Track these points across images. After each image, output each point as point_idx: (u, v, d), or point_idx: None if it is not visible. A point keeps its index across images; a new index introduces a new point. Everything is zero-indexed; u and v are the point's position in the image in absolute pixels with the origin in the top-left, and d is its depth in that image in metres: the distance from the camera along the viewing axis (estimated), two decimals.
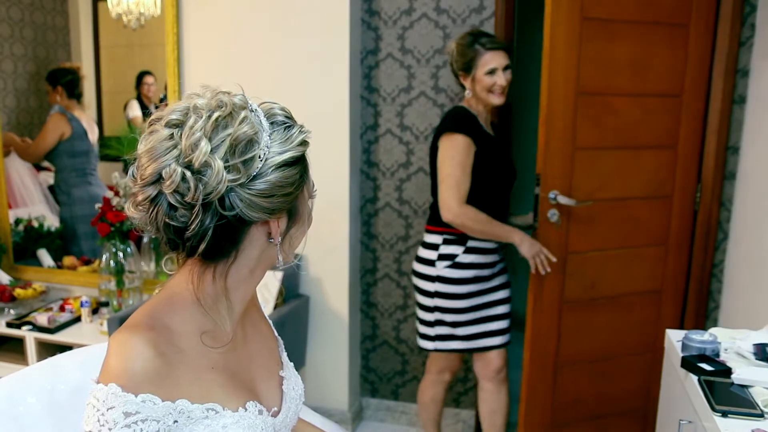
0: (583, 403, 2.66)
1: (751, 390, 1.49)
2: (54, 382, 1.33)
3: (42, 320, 2.94)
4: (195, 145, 0.89)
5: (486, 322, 2.51)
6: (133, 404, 0.89)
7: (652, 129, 2.50)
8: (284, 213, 0.99)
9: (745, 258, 2.53)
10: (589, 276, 2.54)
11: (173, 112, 0.93)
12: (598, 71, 2.38)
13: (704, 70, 2.53)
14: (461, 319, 2.47)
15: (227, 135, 0.91)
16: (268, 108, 0.99)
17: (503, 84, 2.37)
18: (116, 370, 0.90)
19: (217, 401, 0.98)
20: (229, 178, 0.90)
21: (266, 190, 0.93)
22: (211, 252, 0.96)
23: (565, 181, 2.40)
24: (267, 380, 1.14)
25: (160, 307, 0.99)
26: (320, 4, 2.75)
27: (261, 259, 1.03)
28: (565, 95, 2.35)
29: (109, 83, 3.35)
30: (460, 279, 2.44)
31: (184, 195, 0.90)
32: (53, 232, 3.40)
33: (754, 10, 2.51)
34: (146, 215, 0.94)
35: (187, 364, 0.96)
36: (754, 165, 2.50)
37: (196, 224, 0.91)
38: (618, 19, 2.36)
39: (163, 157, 0.90)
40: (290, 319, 2.74)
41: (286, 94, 2.80)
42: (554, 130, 2.35)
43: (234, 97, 0.95)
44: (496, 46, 2.37)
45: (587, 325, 2.58)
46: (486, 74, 2.36)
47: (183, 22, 2.93)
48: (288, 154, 0.95)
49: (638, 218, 2.56)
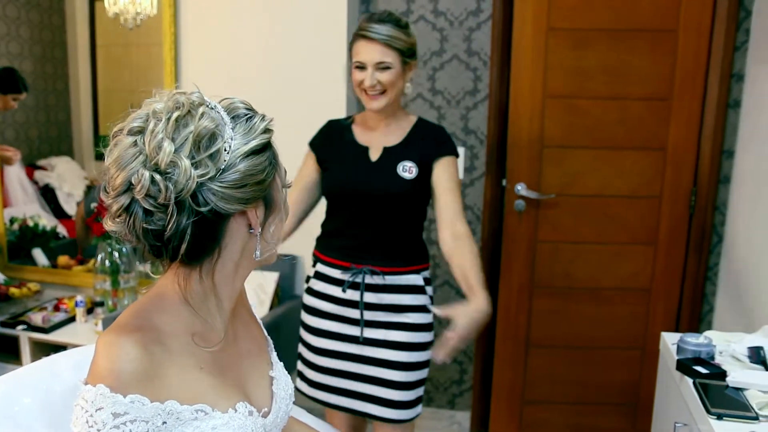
0: (558, 384, 2.87)
1: (746, 393, 1.50)
2: (49, 382, 1.32)
3: (36, 320, 2.93)
4: (159, 147, 0.90)
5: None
6: (122, 405, 0.89)
7: (634, 131, 2.65)
8: (260, 202, 1.00)
9: (740, 261, 2.54)
10: (561, 265, 2.77)
11: (134, 120, 0.94)
12: (567, 76, 2.63)
13: (698, 74, 2.57)
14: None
15: (189, 132, 0.91)
16: (228, 103, 0.99)
17: (370, 84, 1.88)
18: (104, 370, 0.90)
19: (206, 402, 0.98)
20: (197, 173, 0.91)
21: (237, 180, 0.94)
22: (193, 252, 0.96)
23: (532, 176, 2.67)
24: (257, 380, 1.14)
25: (148, 307, 0.99)
26: (318, 7, 2.75)
27: (245, 253, 1.03)
28: (531, 98, 2.64)
29: (105, 82, 3.35)
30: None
31: (156, 198, 0.90)
32: (48, 231, 3.39)
33: (749, 15, 2.52)
34: (124, 225, 0.94)
35: (176, 365, 0.96)
36: (748, 169, 2.52)
37: (173, 224, 0.91)
38: (589, 29, 2.58)
39: (131, 165, 0.91)
40: (285, 320, 2.74)
41: (282, 94, 2.81)
42: (521, 130, 2.67)
43: (191, 96, 0.96)
44: (373, 35, 1.87)
45: (562, 312, 2.80)
46: (356, 67, 1.93)
47: (180, 21, 2.92)
48: (253, 143, 0.96)
49: (619, 216, 2.71)
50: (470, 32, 2.76)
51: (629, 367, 2.82)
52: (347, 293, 1.97)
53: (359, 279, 1.96)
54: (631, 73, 2.59)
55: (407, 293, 1.98)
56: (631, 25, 2.56)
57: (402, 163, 1.94)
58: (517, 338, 2.83)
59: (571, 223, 2.73)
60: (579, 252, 2.75)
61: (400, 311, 1.98)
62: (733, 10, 2.50)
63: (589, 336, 2.80)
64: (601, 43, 2.58)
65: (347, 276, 1.97)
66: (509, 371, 2.86)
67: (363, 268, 1.96)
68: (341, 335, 2.00)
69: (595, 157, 2.67)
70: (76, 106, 3.40)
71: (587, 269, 2.75)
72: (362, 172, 1.96)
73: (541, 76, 2.62)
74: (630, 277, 2.74)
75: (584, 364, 2.83)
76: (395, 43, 1.87)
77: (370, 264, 1.96)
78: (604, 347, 2.81)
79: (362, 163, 1.98)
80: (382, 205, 1.95)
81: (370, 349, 1.98)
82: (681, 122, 2.60)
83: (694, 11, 2.52)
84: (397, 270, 1.97)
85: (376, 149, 1.99)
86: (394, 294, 1.97)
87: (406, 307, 1.98)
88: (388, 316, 1.97)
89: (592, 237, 2.73)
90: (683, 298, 2.74)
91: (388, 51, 1.87)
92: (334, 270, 2.00)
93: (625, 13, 2.56)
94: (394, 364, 1.97)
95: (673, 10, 2.53)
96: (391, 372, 1.97)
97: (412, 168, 1.94)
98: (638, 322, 2.77)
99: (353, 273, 1.96)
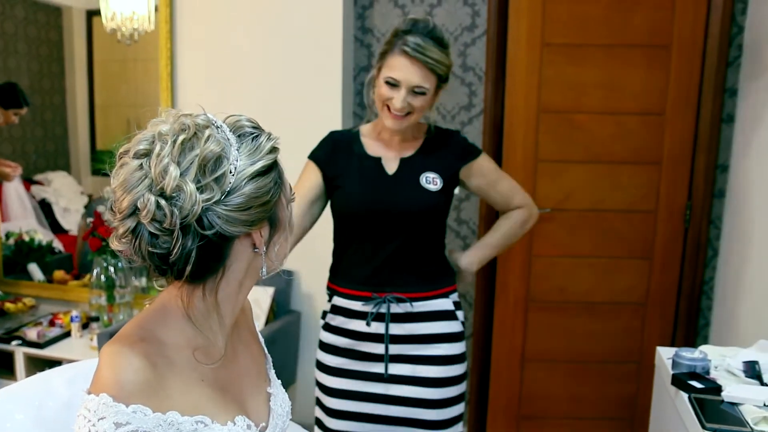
0: (555, 400, 2.86)
1: (741, 408, 1.50)
2: (42, 398, 1.32)
3: (32, 335, 2.92)
4: (164, 172, 0.90)
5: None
6: (124, 415, 0.89)
7: (630, 145, 2.66)
8: (265, 222, 1.00)
9: (735, 275, 2.54)
10: (556, 279, 2.77)
11: (140, 142, 0.94)
12: (562, 91, 2.66)
13: (692, 90, 2.60)
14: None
15: (195, 156, 0.91)
16: (234, 121, 0.99)
17: (399, 106, 1.68)
18: (108, 380, 0.90)
19: (206, 414, 0.98)
20: (203, 198, 0.91)
21: (243, 203, 0.94)
22: (198, 272, 0.96)
23: (527, 190, 2.73)
24: (255, 396, 1.14)
25: (152, 320, 1.00)
26: (313, 22, 2.76)
27: (249, 271, 1.04)
28: (526, 113, 2.67)
29: (103, 98, 3.35)
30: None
31: (162, 222, 0.90)
32: (44, 246, 3.39)
33: (741, 31, 2.55)
34: (130, 246, 0.95)
35: (178, 376, 0.97)
36: (743, 183, 2.53)
37: (178, 248, 0.92)
38: (584, 44, 2.60)
39: (136, 188, 0.91)
40: (281, 335, 2.73)
41: (279, 110, 2.82)
42: (516, 144, 2.70)
43: (197, 118, 0.95)
44: (419, 56, 1.64)
45: (558, 327, 2.81)
46: (386, 82, 1.70)
47: (176, 37, 2.94)
48: (259, 164, 0.95)
49: (616, 230, 2.72)
50: (465, 47, 2.78)
51: (625, 382, 2.82)
52: (372, 326, 1.76)
53: (384, 309, 1.75)
54: (626, 88, 2.62)
55: (436, 320, 1.78)
56: (626, 41, 2.59)
57: (424, 174, 1.77)
58: (512, 353, 2.83)
59: (566, 237, 2.74)
60: (574, 266, 2.76)
61: (429, 342, 1.78)
62: (726, 27, 2.53)
63: (585, 350, 2.81)
64: (596, 59, 2.61)
65: (370, 307, 1.76)
66: (505, 386, 2.86)
67: (387, 296, 1.75)
68: (363, 374, 1.80)
69: (590, 171, 2.69)
70: (73, 121, 3.41)
71: (583, 284, 2.76)
72: (381, 187, 1.76)
73: (536, 91, 2.65)
74: (626, 291, 2.75)
75: (580, 379, 2.83)
76: (438, 69, 1.67)
77: (394, 291, 1.76)
78: (601, 362, 2.82)
79: (378, 177, 1.78)
80: (405, 223, 1.75)
81: (396, 388, 1.78)
82: (675, 137, 2.62)
83: (687, 27, 2.55)
84: (424, 295, 1.78)
85: (391, 160, 1.80)
86: (422, 323, 1.77)
87: (436, 337, 1.78)
88: (415, 349, 1.78)
89: (588, 251, 2.74)
90: (679, 313, 2.74)
91: (429, 76, 1.67)
92: (353, 302, 1.79)
93: (620, 28, 2.59)
94: (424, 403, 1.77)
95: (666, 26, 2.56)
96: (422, 411, 1.77)
97: (436, 179, 1.77)
98: (634, 336, 2.78)
99: (376, 303, 1.75)
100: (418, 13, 2.78)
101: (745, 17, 2.54)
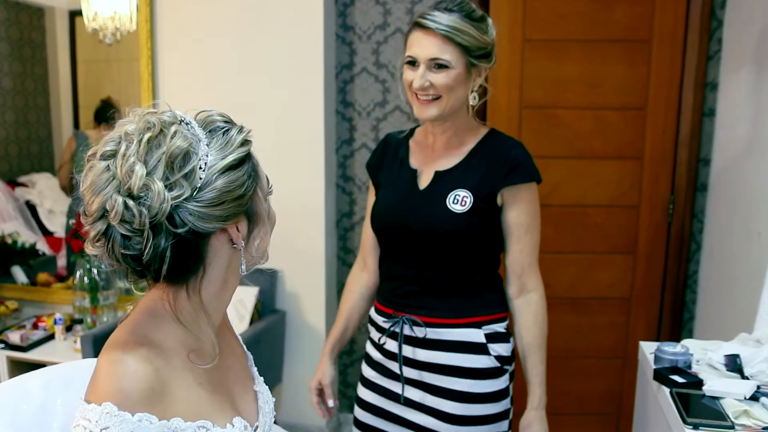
0: None
1: (722, 402, 1.50)
2: (17, 402, 1.30)
3: (15, 338, 2.89)
4: (131, 171, 0.89)
5: None
6: (130, 424, 0.87)
7: (611, 140, 2.67)
8: (242, 217, 0.98)
9: (718, 269, 2.55)
10: (542, 276, 2.66)
11: (106, 143, 0.92)
12: (544, 87, 2.66)
13: (673, 84, 2.61)
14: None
15: (161, 154, 0.90)
16: (205, 116, 0.98)
17: (419, 84, 1.52)
18: (110, 388, 0.88)
19: (207, 418, 0.97)
20: (172, 195, 0.89)
21: (215, 198, 0.92)
22: (177, 272, 0.95)
23: None
24: (244, 395, 1.13)
25: (143, 324, 0.98)
26: (295, 20, 2.75)
27: (231, 268, 1.02)
28: (508, 109, 2.68)
29: (86, 98, 3.33)
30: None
31: (131, 223, 0.89)
32: (27, 248, 3.36)
33: (721, 25, 2.55)
34: (104, 250, 0.93)
35: (178, 381, 0.95)
36: (724, 177, 2.54)
37: (150, 248, 0.90)
38: (564, 39, 2.61)
39: (104, 190, 0.90)
40: (266, 335, 2.72)
41: (260, 109, 2.80)
42: None
43: (163, 115, 0.94)
44: (430, 23, 1.48)
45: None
46: (407, 63, 1.56)
47: (157, 37, 2.92)
48: (230, 157, 0.94)
49: (598, 225, 2.73)
50: None
51: (611, 377, 2.83)
52: (386, 343, 1.68)
53: (398, 329, 1.64)
54: (607, 83, 2.63)
55: (460, 351, 1.60)
56: (606, 36, 2.60)
57: (455, 192, 1.57)
58: None
59: (549, 233, 2.72)
60: (558, 262, 2.76)
61: (447, 373, 1.61)
62: (706, 21, 2.54)
63: (569, 346, 2.81)
64: (577, 54, 2.62)
65: (388, 325, 1.67)
66: None
67: (403, 317, 1.64)
68: (384, 390, 1.71)
69: (573, 167, 2.69)
70: (57, 123, 3.38)
71: (567, 279, 2.77)
72: (408, 203, 1.61)
73: (518, 87, 2.66)
74: (610, 286, 2.76)
75: (566, 375, 2.83)
76: (457, 37, 1.48)
77: (412, 312, 1.63)
78: (585, 357, 2.82)
79: (410, 191, 1.62)
80: (427, 244, 1.59)
81: (412, 413, 1.66)
82: (657, 131, 2.63)
83: (667, 22, 2.56)
84: (444, 322, 1.61)
85: (426, 174, 1.63)
86: (441, 351, 1.61)
87: (457, 370, 1.60)
88: (433, 378, 1.62)
89: (571, 247, 2.75)
90: (663, 307, 2.75)
91: (446, 46, 1.48)
92: (379, 317, 1.72)
93: (600, 24, 2.59)
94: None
95: (646, 21, 2.57)
96: None
97: (466, 198, 1.56)
98: (619, 331, 2.79)
99: (394, 322, 1.65)
100: (400, 9, 2.78)
101: (725, 11, 2.55)
